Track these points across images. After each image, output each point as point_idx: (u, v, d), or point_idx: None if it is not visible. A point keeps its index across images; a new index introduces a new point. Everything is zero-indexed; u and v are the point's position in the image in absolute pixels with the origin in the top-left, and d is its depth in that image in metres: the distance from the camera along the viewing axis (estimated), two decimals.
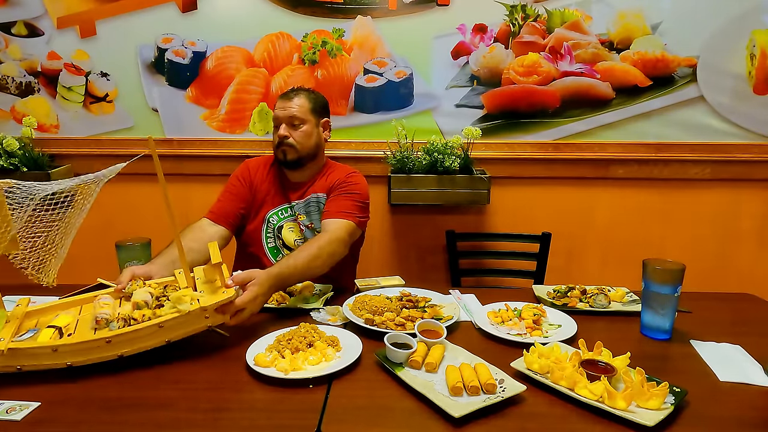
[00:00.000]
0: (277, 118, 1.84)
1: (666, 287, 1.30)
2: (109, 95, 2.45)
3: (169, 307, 1.24)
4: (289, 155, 1.83)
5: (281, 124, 1.82)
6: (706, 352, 1.26)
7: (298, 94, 1.84)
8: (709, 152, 2.40)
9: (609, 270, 2.53)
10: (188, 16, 2.37)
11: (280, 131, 1.82)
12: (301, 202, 1.87)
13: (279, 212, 1.87)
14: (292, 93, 1.85)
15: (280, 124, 1.83)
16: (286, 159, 1.83)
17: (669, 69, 2.34)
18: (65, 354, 1.14)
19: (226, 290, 1.26)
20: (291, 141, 1.81)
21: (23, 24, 2.40)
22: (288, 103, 1.82)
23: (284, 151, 1.83)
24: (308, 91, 1.88)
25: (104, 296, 1.34)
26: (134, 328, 1.18)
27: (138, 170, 1.41)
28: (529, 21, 2.33)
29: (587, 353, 1.16)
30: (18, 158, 2.31)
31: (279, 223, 1.86)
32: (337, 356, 1.21)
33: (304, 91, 1.86)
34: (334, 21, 2.35)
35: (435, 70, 2.39)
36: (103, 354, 1.16)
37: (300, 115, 1.81)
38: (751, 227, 2.49)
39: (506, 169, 2.44)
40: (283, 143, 1.81)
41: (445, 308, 1.47)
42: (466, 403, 1.02)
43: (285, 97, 1.84)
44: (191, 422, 1.01)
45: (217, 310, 1.24)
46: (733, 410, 1.05)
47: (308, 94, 1.87)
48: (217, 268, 1.30)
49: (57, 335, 1.21)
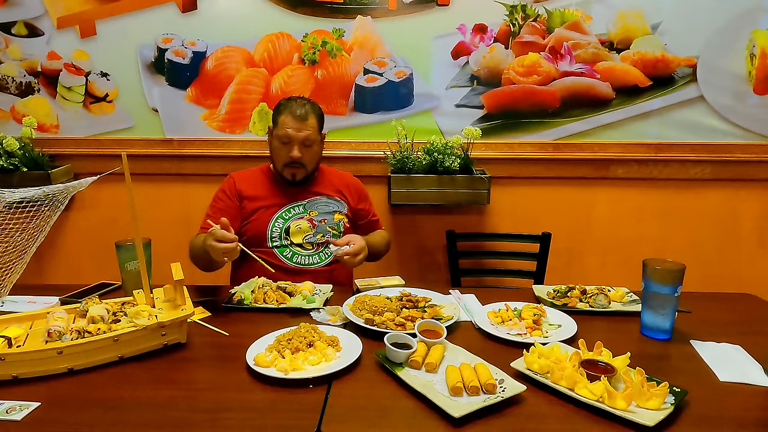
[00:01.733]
0: (288, 138, 1.79)
1: (666, 287, 1.30)
2: (109, 95, 2.45)
3: (126, 322, 1.24)
4: (299, 175, 1.85)
5: (293, 144, 1.80)
6: (706, 352, 1.26)
7: (309, 113, 1.81)
8: (709, 152, 2.40)
9: (609, 270, 2.53)
10: (188, 16, 2.37)
11: (293, 152, 1.80)
12: (311, 201, 1.89)
13: (283, 213, 1.87)
14: (303, 112, 1.80)
15: (291, 143, 1.80)
16: (295, 179, 1.86)
17: (669, 69, 2.34)
18: (13, 364, 1.11)
19: (185, 308, 1.26)
20: (303, 161, 1.82)
21: (23, 24, 2.40)
22: (302, 125, 1.79)
23: (294, 173, 1.84)
24: (314, 107, 1.85)
25: (58, 311, 1.32)
26: (88, 340, 1.16)
27: (138, 170, 1.41)
28: (529, 21, 2.33)
29: (587, 353, 1.16)
30: (18, 158, 2.31)
31: (286, 224, 1.85)
32: (337, 356, 1.21)
33: (311, 109, 1.83)
34: (334, 21, 2.35)
35: (435, 70, 2.39)
36: (53, 366, 1.14)
37: (312, 137, 1.81)
38: (751, 227, 2.49)
39: (506, 169, 2.44)
40: (294, 164, 1.81)
41: (445, 308, 1.47)
42: (466, 403, 1.02)
43: (298, 118, 1.79)
44: (191, 422, 1.01)
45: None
46: (733, 410, 1.05)
47: (316, 111, 1.85)
48: (179, 286, 1.29)
49: (5, 345, 1.17)
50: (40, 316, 1.33)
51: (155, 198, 2.50)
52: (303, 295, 1.56)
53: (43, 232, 1.51)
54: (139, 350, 1.22)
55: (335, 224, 1.91)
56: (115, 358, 1.20)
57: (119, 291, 1.64)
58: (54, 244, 2.56)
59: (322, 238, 1.88)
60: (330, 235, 1.89)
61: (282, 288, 1.59)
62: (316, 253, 1.87)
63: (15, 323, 1.30)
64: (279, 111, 1.84)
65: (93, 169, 1.68)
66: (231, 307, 1.51)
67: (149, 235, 1.54)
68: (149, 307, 1.28)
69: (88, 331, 1.20)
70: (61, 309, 1.34)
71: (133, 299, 1.37)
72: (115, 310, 1.30)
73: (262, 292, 1.55)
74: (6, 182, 2.26)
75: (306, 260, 1.85)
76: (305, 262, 1.85)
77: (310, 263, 1.86)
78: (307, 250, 1.86)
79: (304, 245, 1.86)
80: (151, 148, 2.46)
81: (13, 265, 1.47)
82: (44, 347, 1.14)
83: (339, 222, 1.92)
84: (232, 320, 1.44)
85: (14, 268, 1.47)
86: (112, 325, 1.23)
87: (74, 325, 1.22)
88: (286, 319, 1.43)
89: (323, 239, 1.88)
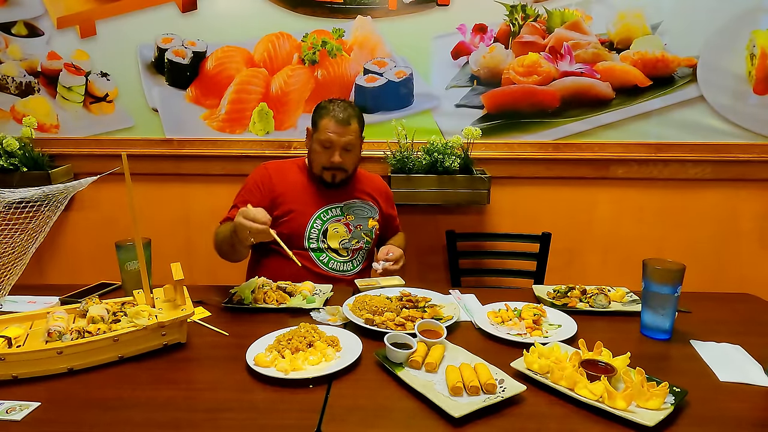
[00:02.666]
0: (330, 142, 1.77)
1: (666, 287, 1.30)
2: (109, 95, 2.45)
3: (126, 322, 1.24)
4: (338, 178, 1.84)
5: (334, 149, 1.78)
6: (706, 352, 1.26)
7: (352, 117, 1.79)
8: (709, 152, 2.40)
9: (609, 270, 2.53)
10: (188, 16, 2.37)
11: (335, 158, 1.78)
12: (348, 204, 1.89)
13: (322, 214, 1.85)
14: (346, 116, 1.78)
15: (332, 147, 1.78)
16: (334, 182, 1.84)
17: (669, 69, 2.35)
18: (13, 364, 1.11)
19: (185, 308, 1.26)
20: (344, 166, 1.80)
21: (23, 24, 2.40)
22: (346, 129, 1.77)
23: (334, 174, 1.82)
24: (355, 110, 1.83)
25: (58, 311, 1.31)
26: (88, 340, 1.16)
27: (138, 170, 1.41)
28: (529, 21, 2.33)
29: (587, 353, 1.15)
30: (18, 158, 2.31)
31: (324, 225, 1.84)
32: (337, 356, 1.21)
33: (353, 113, 1.81)
34: (334, 21, 2.35)
35: (435, 70, 2.39)
36: (53, 366, 1.13)
37: (354, 141, 1.80)
38: (751, 227, 2.49)
39: (506, 169, 2.44)
40: (334, 167, 1.80)
41: (445, 308, 1.47)
42: (466, 403, 1.02)
43: (342, 123, 1.76)
44: (191, 422, 1.00)
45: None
46: (733, 410, 1.05)
47: (357, 114, 1.83)
48: (179, 287, 1.29)
49: (5, 345, 1.17)
50: (40, 316, 1.33)
51: (155, 198, 2.50)
52: (303, 295, 1.56)
53: (43, 232, 1.51)
54: (139, 350, 1.22)
55: (369, 230, 1.91)
56: (115, 358, 1.20)
57: (119, 291, 1.64)
58: (54, 244, 2.56)
59: (357, 244, 1.88)
60: (364, 241, 1.89)
61: (282, 288, 1.59)
62: (351, 260, 1.87)
63: (15, 323, 1.29)
64: (320, 114, 1.81)
65: (93, 169, 1.68)
66: (231, 307, 1.51)
67: (149, 235, 1.54)
68: (149, 307, 1.28)
69: (88, 331, 1.19)
70: (61, 309, 1.34)
71: (133, 299, 1.36)
72: (115, 310, 1.29)
73: (262, 292, 1.54)
74: (6, 182, 2.26)
75: (341, 266, 1.86)
76: (340, 268, 1.85)
77: (344, 270, 1.86)
78: (342, 256, 1.86)
79: (339, 251, 1.86)
80: (151, 148, 2.46)
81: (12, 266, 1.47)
82: (44, 347, 1.14)
83: (372, 228, 1.92)
84: (232, 320, 1.44)
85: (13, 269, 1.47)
86: (112, 325, 1.23)
87: (74, 325, 1.22)
88: (286, 319, 1.43)
89: (357, 245, 1.88)
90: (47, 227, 1.51)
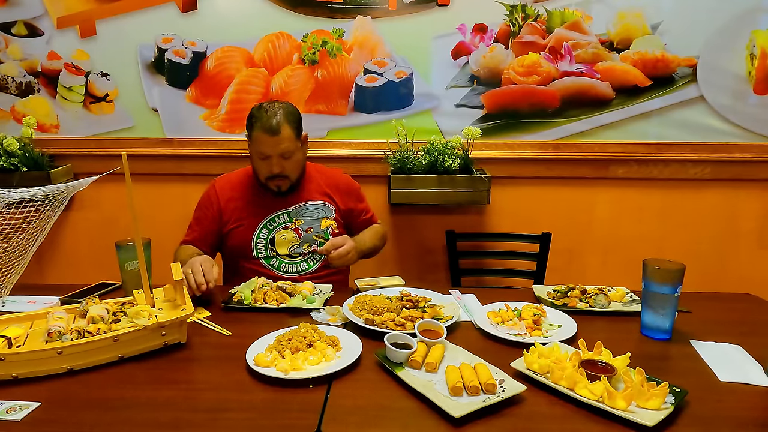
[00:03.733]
0: (264, 154, 1.72)
1: (666, 287, 1.30)
2: (109, 95, 2.45)
3: (126, 322, 1.24)
4: (284, 187, 1.80)
5: (271, 159, 1.72)
6: (706, 352, 1.26)
7: (282, 123, 1.69)
8: (709, 152, 2.40)
9: (609, 270, 2.53)
10: (188, 16, 2.37)
11: (273, 168, 1.73)
12: (296, 208, 1.85)
13: (268, 223, 1.83)
14: (275, 124, 1.68)
15: (269, 158, 1.72)
16: (281, 191, 1.81)
17: (669, 69, 2.34)
18: (13, 364, 1.11)
19: (185, 308, 1.26)
20: (285, 173, 1.76)
21: (23, 24, 2.40)
22: (275, 139, 1.69)
23: (279, 185, 1.79)
24: (287, 113, 1.73)
25: (58, 311, 1.32)
26: (88, 340, 1.16)
27: (138, 170, 1.41)
28: (529, 21, 2.33)
29: (587, 353, 1.16)
30: (18, 158, 2.32)
31: (270, 234, 1.82)
32: (337, 356, 1.21)
33: (284, 118, 1.71)
34: (334, 21, 2.35)
35: (435, 70, 2.39)
36: (53, 366, 1.13)
37: (290, 147, 1.73)
38: (751, 227, 2.49)
39: (506, 169, 2.44)
40: (276, 177, 1.76)
41: (445, 308, 1.47)
42: (466, 403, 1.02)
43: (269, 132, 1.68)
44: (191, 422, 1.01)
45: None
46: (733, 410, 1.05)
47: (289, 118, 1.72)
48: (179, 286, 1.29)
49: (5, 345, 1.17)
50: (40, 316, 1.33)
51: (155, 198, 2.50)
52: (303, 295, 1.56)
53: (43, 232, 1.51)
54: (139, 350, 1.22)
55: (322, 232, 1.86)
56: (115, 358, 1.20)
57: (119, 291, 1.64)
58: (54, 244, 2.56)
59: (309, 248, 1.84)
60: (317, 243, 1.84)
61: (282, 288, 1.59)
62: (304, 260, 1.84)
63: (15, 323, 1.30)
64: (251, 124, 1.73)
65: (93, 169, 1.67)
66: (231, 307, 1.51)
67: (149, 235, 1.54)
68: (149, 307, 1.28)
69: (88, 331, 1.19)
70: (61, 309, 1.34)
71: (133, 299, 1.37)
72: (115, 310, 1.29)
73: (262, 292, 1.55)
74: (6, 182, 2.26)
75: (294, 268, 1.83)
76: (294, 270, 1.83)
77: (299, 271, 1.84)
78: (294, 258, 1.84)
79: (292, 255, 1.84)
80: (151, 148, 2.46)
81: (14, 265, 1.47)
82: (44, 347, 1.14)
83: (326, 228, 1.87)
84: (232, 320, 1.43)
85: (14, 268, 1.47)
86: (112, 325, 1.23)
87: (74, 325, 1.22)
88: (286, 319, 1.43)
89: (309, 249, 1.84)
90: (47, 227, 1.51)
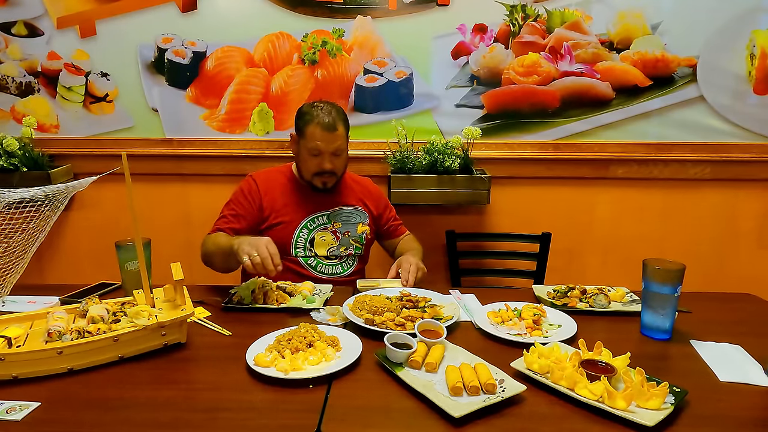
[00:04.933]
0: (319, 150, 1.75)
1: (666, 287, 1.30)
2: (109, 95, 2.45)
3: (126, 322, 1.24)
4: (330, 183, 1.83)
5: (324, 156, 1.76)
6: (706, 352, 1.26)
7: (337, 121, 1.75)
8: (709, 152, 2.40)
9: (609, 270, 2.53)
10: (188, 16, 2.37)
11: (325, 164, 1.76)
12: (335, 211, 1.88)
13: (308, 223, 1.85)
14: (331, 120, 1.74)
15: (322, 155, 1.76)
16: (326, 187, 1.83)
17: (669, 69, 2.34)
18: (13, 364, 1.11)
19: (185, 308, 1.26)
20: (335, 171, 1.79)
21: (23, 24, 2.40)
22: (333, 135, 1.74)
23: (326, 181, 1.81)
24: (339, 112, 1.79)
25: (58, 311, 1.32)
26: (88, 340, 1.16)
27: (138, 170, 1.41)
28: (529, 21, 2.33)
29: (587, 353, 1.16)
30: (18, 158, 2.31)
31: (310, 234, 1.84)
32: (337, 356, 1.21)
33: (338, 116, 1.77)
34: (334, 21, 2.35)
35: (435, 70, 2.39)
36: (53, 366, 1.13)
37: (343, 145, 1.78)
38: (751, 227, 2.49)
39: (506, 169, 2.44)
40: (325, 173, 1.79)
41: (445, 308, 1.47)
42: (466, 403, 1.02)
43: (329, 129, 1.73)
44: (191, 422, 1.01)
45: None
46: (733, 410, 1.05)
47: (342, 116, 1.79)
48: (179, 287, 1.29)
49: (5, 345, 1.17)
50: (40, 316, 1.33)
51: (155, 198, 2.50)
52: (303, 295, 1.56)
53: (43, 232, 1.51)
54: (139, 350, 1.22)
55: (358, 236, 1.90)
56: (115, 358, 1.20)
57: (119, 291, 1.64)
58: (54, 244, 2.56)
59: (345, 251, 1.88)
60: (353, 247, 1.89)
61: (282, 288, 1.59)
62: (340, 263, 1.88)
63: (15, 323, 1.29)
64: (305, 121, 1.77)
65: (93, 169, 1.68)
66: (231, 307, 1.51)
67: (149, 235, 1.54)
68: (149, 307, 1.28)
69: (88, 331, 1.19)
70: (61, 309, 1.34)
71: (133, 299, 1.37)
72: (115, 310, 1.29)
73: (262, 292, 1.55)
74: (6, 182, 2.26)
75: (331, 270, 1.86)
76: (330, 271, 1.86)
77: (335, 273, 1.87)
78: (332, 260, 1.87)
79: (329, 257, 1.86)
80: (151, 148, 2.46)
81: (14, 265, 1.47)
82: (44, 347, 1.14)
83: (362, 234, 1.91)
84: (232, 320, 1.43)
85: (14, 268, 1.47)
86: (112, 325, 1.23)
87: (74, 325, 1.22)
88: (286, 319, 1.43)
89: (346, 252, 1.88)
90: (47, 227, 1.51)
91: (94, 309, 1.28)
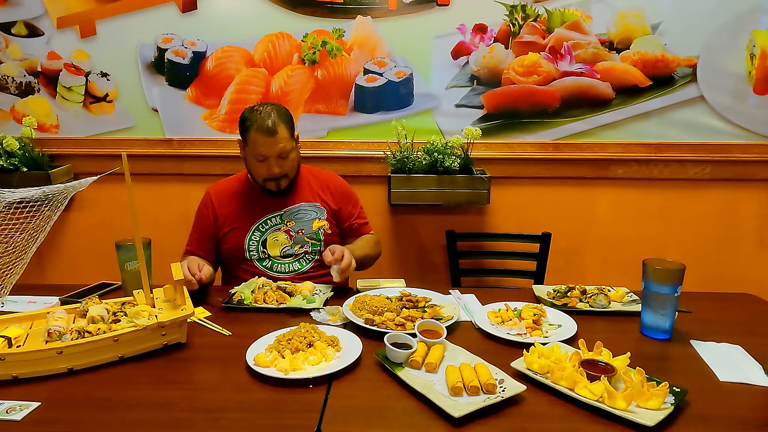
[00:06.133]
0: (262, 155, 1.73)
1: (666, 287, 1.30)
2: (109, 95, 2.45)
3: (126, 322, 1.24)
4: (283, 185, 1.82)
5: (269, 160, 1.73)
6: (706, 352, 1.26)
7: (278, 123, 1.71)
8: (709, 152, 2.40)
9: (609, 270, 2.53)
10: (188, 16, 2.37)
11: (273, 169, 1.74)
12: (288, 210, 1.86)
13: (260, 226, 1.84)
14: (273, 125, 1.70)
15: (267, 160, 1.73)
16: (280, 189, 1.82)
17: (669, 69, 2.34)
18: (13, 364, 1.11)
19: (185, 308, 1.26)
20: (284, 173, 1.78)
21: (23, 24, 2.40)
22: (274, 140, 1.70)
23: (278, 183, 1.80)
24: (280, 113, 1.75)
25: (58, 311, 1.32)
26: (88, 340, 1.16)
27: (138, 170, 1.41)
28: (529, 21, 2.33)
29: (587, 353, 1.16)
30: (18, 158, 2.31)
31: (263, 237, 1.83)
32: (337, 356, 1.21)
33: (278, 118, 1.73)
34: (334, 21, 2.35)
35: (435, 70, 2.39)
36: (53, 366, 1.14)
37: (287, 146, 1.75)
38: (751, 227, 2.49)
39: (506, 169, 2.44)
40: (276, 177, 1.77)
41: (445, 308, 1.47)
42: (466, 403, 1.02)
43: (267, 133, 1.70)
44: (191, 422, 1.01)
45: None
46: (733, 410, 1.05)
47: (283, 117, 1.75)
48: (179, 286, 1.29)
49: (5, 345, 1.17)
50: (40, 316, 1.33)
51: (155, 198, 2.50)
52: (303, 295, 1.56)
53: (43, 232, 1.51)
54: (139, 350, 1.22)
55: (314, 233, 1.86)
56: (115, 358, 1.20)
57: (119, 291, 1.64)
58: (54, 244, 2.56)
59: (301, 248, 1.84)
60: (309, 245, 1.85)
61: (282, 288, 1.59)
62: (297, 260, 1.84)
63: (15, 323, 1.30)
64: (245, 127, 1.75)
65: (93, 169, 1.68)
66: (231, 307, 1.51)
67: (149, 235, 1.54)
68: (149, 307, 1.28)
69: (88, 331, 1.19)
70: (61, 309, 1.34)
71: (133, 299, 1.37)
72: (115, 310, 1.30)
73: (262, 292, 1.55)
74: (6, 182, 2.26)
75: (288, 268, 1.83)
76: (287, 270, 1.83)
77: (294, 270, 1.84)
78: (287, 258, 1.84)
79: (283, 255, 1.84)
80: (151, 148, 2.46)
81: (14, 265, 1.47)
82: (44, 347, 1.14)
83: (318, 230, 1.86)
84: (232, 320, 1.44)
85: (14, 268, 1.47)
86: (112, 325, 1.23)
87: (74, 325, 1.22)
88: (286, 319, 1.43)
89: (302, 249, 1.84)
90: (47, 227, 1.51)
91: (94, 309, 1.28)
